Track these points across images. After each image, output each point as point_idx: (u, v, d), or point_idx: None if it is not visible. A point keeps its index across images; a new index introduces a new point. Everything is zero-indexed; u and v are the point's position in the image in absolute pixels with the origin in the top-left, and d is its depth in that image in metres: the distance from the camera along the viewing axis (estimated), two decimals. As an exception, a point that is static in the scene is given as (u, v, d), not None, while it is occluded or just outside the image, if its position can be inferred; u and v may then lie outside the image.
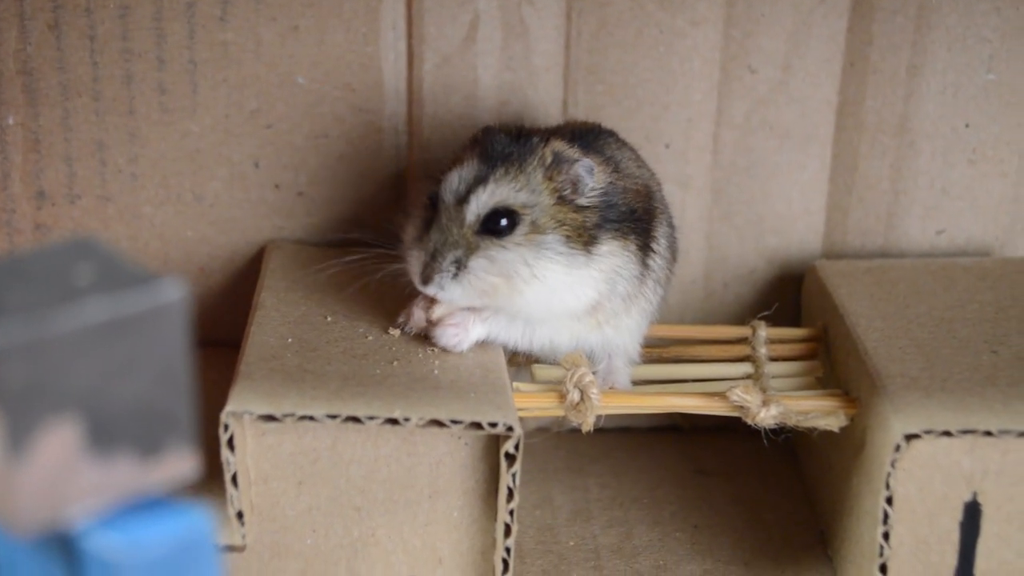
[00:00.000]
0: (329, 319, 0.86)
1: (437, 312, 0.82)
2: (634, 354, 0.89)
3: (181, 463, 0.51)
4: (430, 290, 0.81)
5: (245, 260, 0.99)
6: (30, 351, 0.47)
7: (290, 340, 0.83)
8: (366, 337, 0.84)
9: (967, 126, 0.98)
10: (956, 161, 0.99)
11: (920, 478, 0.78)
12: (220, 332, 0.98)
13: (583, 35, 0.95)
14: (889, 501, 0.77)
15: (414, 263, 0.81)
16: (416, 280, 0.81)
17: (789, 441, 1.02)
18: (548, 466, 1.00)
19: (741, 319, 1.01)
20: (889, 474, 0.77)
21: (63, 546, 0.50)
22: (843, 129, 0.98)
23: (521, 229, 0.81)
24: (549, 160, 0.82)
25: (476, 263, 0.80)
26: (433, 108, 0.96)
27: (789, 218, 1.01)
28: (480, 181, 0.81)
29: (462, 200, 0.81)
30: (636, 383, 0.89)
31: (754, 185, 1.00)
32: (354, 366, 0.80)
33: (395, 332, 0.85)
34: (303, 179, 0.98)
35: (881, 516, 0.77)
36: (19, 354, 0.46)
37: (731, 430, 1.04)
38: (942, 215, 1.00)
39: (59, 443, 0.48)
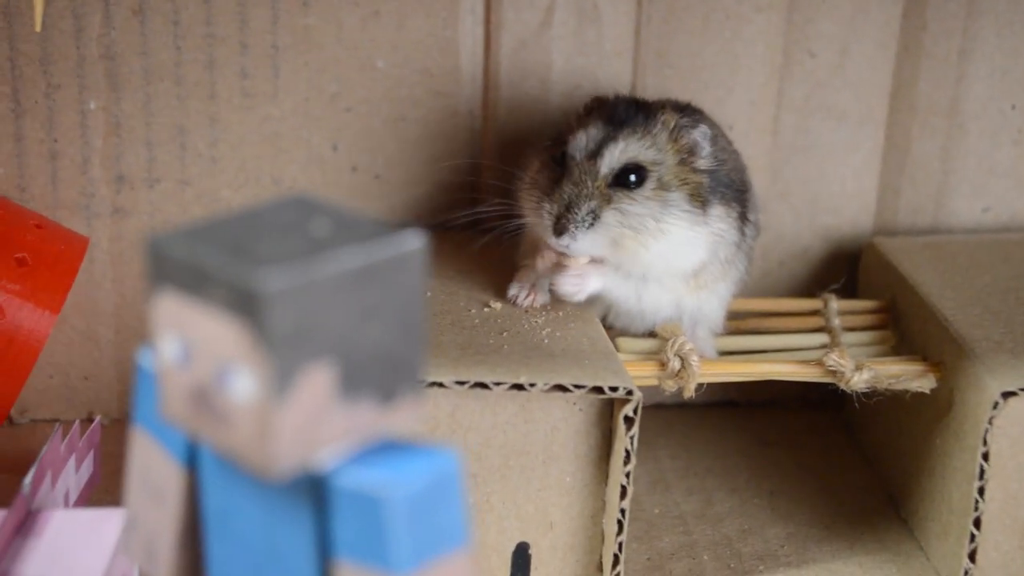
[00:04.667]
0: (429, 294, 0.88)
1: (562, 261, 0.85)
2: (717, 325, 0.92)
3: (412, 409, 0.53)
4: (563, 241, 0.83)
5: (321, 242, 1.00)
6: (297, 297, 0.49)
7: (398, 314, 0.85)
8: (469, 311, 0.87)
9: (1013, 108, 1.03)
10: (1002, 141, 1.04)
11: (1012, 435, 0.82)
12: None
13: (653, 21, 0.99)
14: (985, 457, 0.81)
15: (546, 216, 0.84)
16: (548, 231, 0.84)
17: (839, 414, 1.06)
18: (618, 440, 1.03)
19: (796, 295, 1.05)
20: (987, 431, 0.81)
21: (312, 487, 0.51)
22: (896, 111, 1.03)
23: (649, 184, 0.84)
24: (672, 124, 0.86)
25: (609, 215, 0.83)
26: (509, 92, 0.99)
27: (843, 197, 1.05)
28: (611, 139, 0.85)
29: (594, 156, 0.84)
30: (722, 354, 0.92)
31: (811, 165, 1.04)
32: (467, 337, 0.83)
33: (496, 306, 0.87)
34: (380, 162, 1.00)
35: (977, 472, 0.81)
36: (288, 300, 0.48)
37: (783, 404, 1.08)
38: (988, 193, 1.05)
39: (317, 386, 0.50)
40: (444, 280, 0.91)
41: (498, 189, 0.92)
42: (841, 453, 1.03)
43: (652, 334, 0.90)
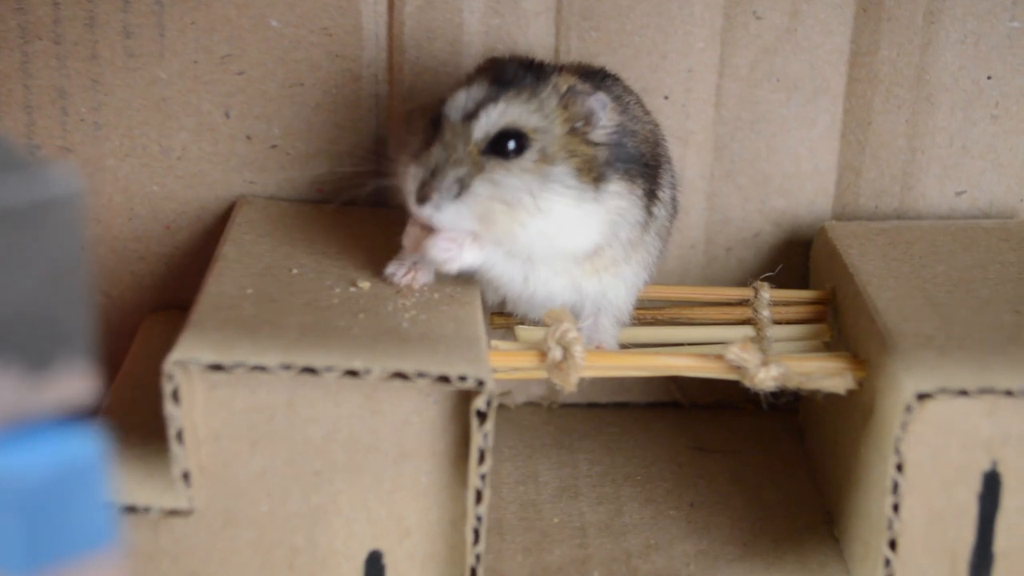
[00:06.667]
0: (295, 271, 0.80)
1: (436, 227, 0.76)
2: (624, 313, 0.82)
3: (75, 382, 0.45)
4: (425, 211, 0.74)
5: (214, 217, 0.93)
6: None
7: (250, 291, 0.77)
8: (333, 290, 0.78)
9: (989, 78, 0.91)
10: (978, 116, 0.92)
11: (934, 444, 0.71)
12: (187, 294, 0.91)
13: (576, -23, 0.89)
14: (899, 469, 0.70)
15: (410, 181, 0.75)
16: (411, 199, 0.75)
17: (795, 419, 0.96)
18: (535, 441, 0.93)
19: (744, 286, 0.94)
20: (899, 438, 0.70)
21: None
22: (855, 81, 0.92)
23: (530, 155, 0.75)
24: (564, 89, 0.76)
25: (479, 185, 0.74)
26: (415, 54, 0.90)
27: (797, 178, 0.94)
28: (491, 99, 0.75)
29: (470, 117, 0.75)
30: (629, 346, 0.82)
31: (759, 141, 0.93)
32: (316, 317, 0.74)
33: (365, 285, 0.79)
34: (277, 130, 0.91)
35: (890, 486, 0.70)
36: None
37: (733, 407, 0.98)
38: (962, 175, 0.93)
39: (-74, 350, 0.42)
40: (319, 257, 0.82)
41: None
42: (785, 462, 0.92)
43: (550, 323, 0.80)
